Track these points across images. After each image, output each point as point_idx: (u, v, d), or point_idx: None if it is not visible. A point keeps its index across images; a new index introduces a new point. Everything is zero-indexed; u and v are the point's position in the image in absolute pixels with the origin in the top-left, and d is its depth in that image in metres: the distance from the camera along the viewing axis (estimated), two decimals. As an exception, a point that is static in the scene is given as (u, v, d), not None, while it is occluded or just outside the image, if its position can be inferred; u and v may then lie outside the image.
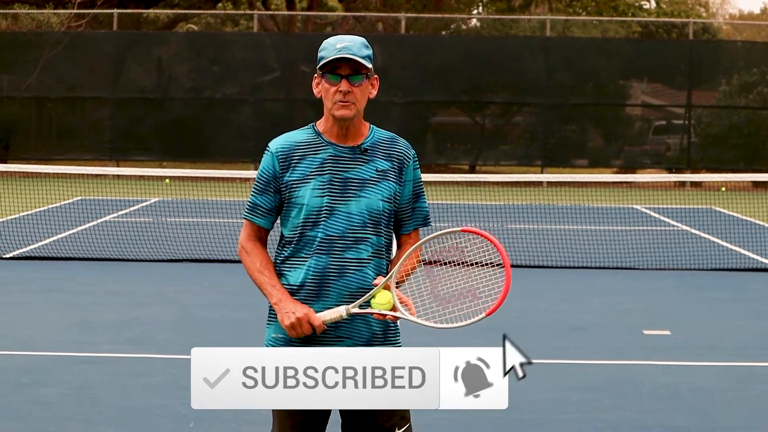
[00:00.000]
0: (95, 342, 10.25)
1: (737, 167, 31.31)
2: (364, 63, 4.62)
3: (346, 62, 4.61)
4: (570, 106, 32.41)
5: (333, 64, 4.61)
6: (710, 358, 10.00)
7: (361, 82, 4.65)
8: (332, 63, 4.61)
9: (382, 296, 4.53)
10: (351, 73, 4.62)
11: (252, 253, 4.72)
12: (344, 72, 4.62)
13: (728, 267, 15.75)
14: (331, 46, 4.63)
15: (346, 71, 4.62)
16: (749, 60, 32.94)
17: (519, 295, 13.34)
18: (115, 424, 7.61)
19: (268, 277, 4.65)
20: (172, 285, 13.84)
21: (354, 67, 4.62)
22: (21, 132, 32.65)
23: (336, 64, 4.62)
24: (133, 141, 32.37)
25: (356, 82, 4.63)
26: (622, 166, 33.15)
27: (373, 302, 4.53)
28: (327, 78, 4.64)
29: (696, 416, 8.05)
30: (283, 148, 4.70)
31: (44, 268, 14.83)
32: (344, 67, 4.62)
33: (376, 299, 4.53)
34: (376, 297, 4.53)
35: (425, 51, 33.01)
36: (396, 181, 4.72)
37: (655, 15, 47.51)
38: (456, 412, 8.02)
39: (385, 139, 4.77)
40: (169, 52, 33.84)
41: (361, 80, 4.64)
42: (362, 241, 4.64)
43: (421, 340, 10.13)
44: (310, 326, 4.51)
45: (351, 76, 4.62)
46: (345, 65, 4.61)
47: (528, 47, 33.70)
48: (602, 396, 8.57)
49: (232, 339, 10.49)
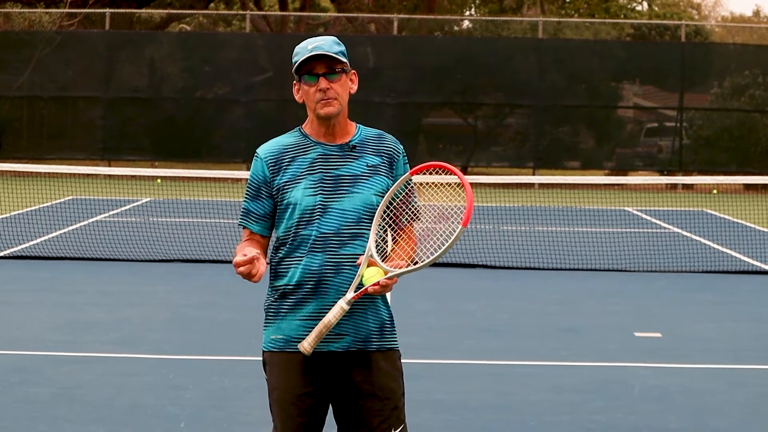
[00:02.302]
0: (86, 341, 10.23)
1: (729, 170, 31.37)
2: (338, 58, 4.64)
3: (320, 60, 4.63)
4: (562, 108, 32.44)
5: (308, 64, 4.63)
6: (701, 361, 10.00)
7: (339, 78, 4.66)
8: (307, 64, 4.63)
9: (369, 272, 4.54)
10: (327, 71, 4.64)
11: (238, 249, 4.68)
12: (320, 70, 4.64)
13: (719, 269, 15.76)
14: (303, 49, 4.65)
15: (321, 69, 4.64)
16: (741, 63, 33.00)
17: (511, 297, 13.36)
18: (106, 423, 7.59)
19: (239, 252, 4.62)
20: (164, 285, 13.82)
21: (329, 64, 4.64)
22: (13, 131, 32.62)
23: (311, 64, 4.63)
24: (125, 141, 32.35)
25: (333, 79, 4.65)
26: (614, 168, 33.19)
27: (363, 280, 4.54)
28: (305, 80, 4.66)
29: (687, 418, 8.05)
30: (271, 153, 4.71)
31: (35, 267, 14.80)
32: (319, 65, 4.63)
33: (365, 276, 4.54)
34: (364, 274, 4.54)
35: (417, 52, 33.02)
36: (387, 175, 4.73)
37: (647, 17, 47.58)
38: (448, 413, 8.03)
39: (372, 135, 4.78)
40: (161, 52, 33.82)
41: (338, 76, 4.66)
42: (358, 237, 4.63)
43: (413, 341, 10.12)
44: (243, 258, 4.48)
45: (327, 73, 4.64)
46: (319, 64, 4.63)
47: (520, 49, 33.72)
48: (593, 398, 8.57)
49: (223, 340, 10.48)
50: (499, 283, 14.48)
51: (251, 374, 8.89)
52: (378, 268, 4.54)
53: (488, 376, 9.33)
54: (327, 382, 4.65)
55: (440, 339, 10.75)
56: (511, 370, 9.53)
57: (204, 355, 9.80)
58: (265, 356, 4.75)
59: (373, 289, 4.52)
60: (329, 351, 4.62)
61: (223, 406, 8.04)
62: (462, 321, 11.73)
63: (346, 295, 4.53)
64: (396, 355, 4.75)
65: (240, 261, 4.49)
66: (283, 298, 4.67)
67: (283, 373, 4.65)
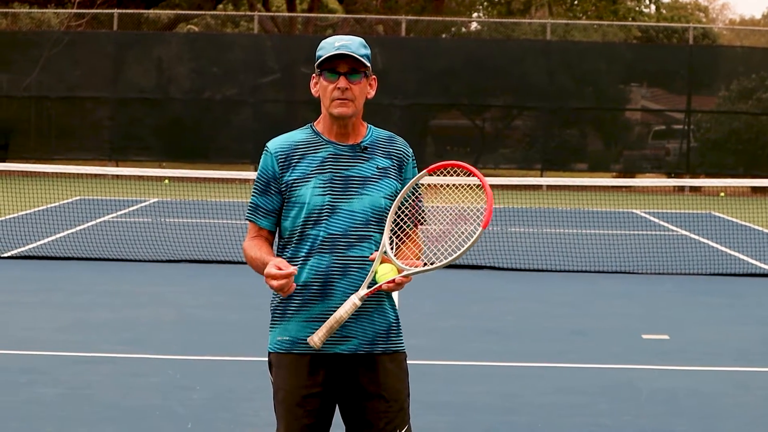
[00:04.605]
0: (93, 342, 10.23)
1: (736, 172, 31.33)
2: (362, 61, 4.61)
3: (345, 60, 4.60)
4: (570, 110, 32.41)
5: (331, 61, 4.61)
6: (709, 363, 9.99)
7: (360, 80, 4.64)
8: (331, 60, 4.61)
9: (383, 268, 4.51)
10: (349, 71, 4.61)
11: (249, 247, 4.69)
12: (342, 69, 4.61)
13: (727, 272, 15.74)
14: (329, 45, 4.62)
15: (344, 69, 4.61)
16: (749, 65, 32.96)
17: (518, 299, 13.35)
18: (113, 424, 7.60)
19: (260, 260, 4.60)
20: (171, 285, 13.83)
21: (352, 65, 4.61)
22: (20, 131, 32.64)
23: (334, 62, 4.61)
24: (132, 141, 32.37)
25: (354, 80, 4.62)
26: (622, 170, 33.16)
27: (377, 277, 4.51)
28: (325, 75, 4.63)
29: (694, 421, 8.05)
30: (282, 148, 4.68)
31: (43, 267, 14.81)
32: (342, 64, 4.61)
33: (378, 273, 4.51)
34: (378, 271, 4.51)
35: (425, 54, 33.00)
36: (396, 178, 4.71)
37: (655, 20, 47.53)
38: (451, 414, 8.03)
39: (383, 137, 4.76)
40: (169, 52, 33.83)
41: (359, 78, 4.63)
42: (365, 239, 4.61)
43: (419, 342, 10.12)
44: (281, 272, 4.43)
45: (349, 73, 4.61)
46: (343, 63, 4.61)
47: (528, 51, 33.70)
48: (601, 400, 8.56)
49: (230, 340, 10.48)
50: (506, 285, 14.47)
51: (258, 375, 8.89)
52: (392, 265, 4.52)
53: (494, 377, 9.33)
54: (333, 384, 4.64)
55: (446, 340, 10.75)
56: (517, 372, 9.52)
57: (211, 356, 9.81)
58: (271, 357, 4.74)
59: (387, 286, 4.50)
60: (335, 353, 4.62)
61: (230, 407, 8.05)
62: (468, 322, 11.72)
63: (359, 291, 4.50)
64: (402, 356, 4.74)
65: (277, 274, 4.44)
66: (289, 298, 4.64)
67: (289, 374, 4.64)
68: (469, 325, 11.56)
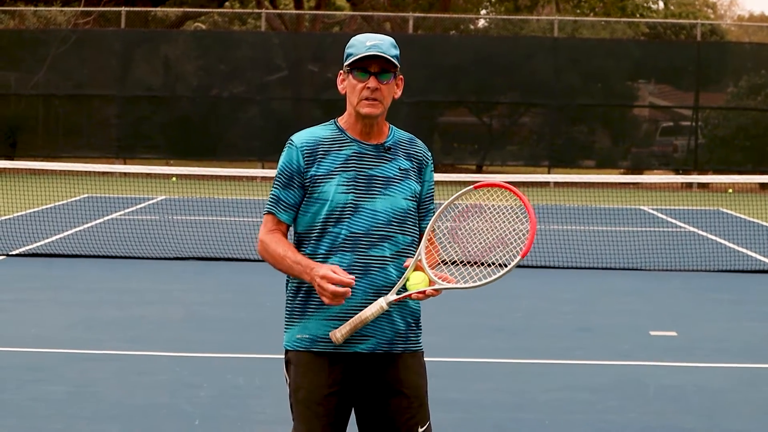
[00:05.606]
0: (100, 339, 10.24)
1: (744, 169, 31.28)
2: (393, 61, 4.61)
3: (376, 60, 4.59)
4: (577, 107, 32.39)
5: (362, 61, 4.59)
6: (717, 360, 9.97)
7: (389, 81, 4.63)
8: (362, 60, 4.59)
9: (415, 277, 4.50)
10: (380, 71, 4.60)
11: (272, 242, 4.62)
12: (373, 69, 4.60)
13: (735, 269, 15.72)
14: (360, 44, 4.61)
15: (375, 69, 4.60)
16: (757, 62, 32.91)
17: (525, 296, 13.33)
18: (120, 421, 7.60)
19: (292, 258, 4.55)
20: (179, 283, 13.84)
21: (383, 65, 4.60)
22: (28, 129, 32.69)
23: (365, 62, 4.59)
24: (140, 139, 32.40)
25: (384, 80, 4.61)
26: (630, 167, 33.13)
27: (408, 285, 4.50)
28: (355, 74, 4.61)
29: (702, 418, 8.03)
30: (308, 143, 4.64)
31: (50, 265, 14.82)
32: (373, 64, 4.59)
33: (410, 281, 4.50)
34: (410, 279, 4.50)
35: (433, 51, 32.99)
36: (416, 180, 4.71)
37: (663, 16, 47.48)
38: (459, 411, 8.02)
39: (404, 139, 4.77)
40: (176, 50, 33.86)
41: (389, 78, 4.62)
42: (386, 239, 4.59)
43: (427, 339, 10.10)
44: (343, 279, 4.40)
45: (380, 73, 4.60)
46: (374, 63, 4.59)
47: (536, 48, 33.69)
48: (608, 397, 8.55)
49: (238, 338, 10.48)
50: (514, 282, 14.44)
51: (265, 372, 8.90)
52: (425, 275, 4.51)
53: (502, 374, 9.32)
54: (352, 382, 4.62)
55: (454, 337, 10.74)
56: (525, 369, 9.51)
57: (218, 353, 9.80)
58: (290, 355, 4.68)
59: (416, 296, 4.50)
60: (355, 352, 4.60)
61: (237, 405, 8.05)
62: (476, 320, 11.71)
63: (388, 296, 4.49)
64: (421, 354, 4.77)
65: (338, 279, 4.40)
66: (309, 296, 4.61)
67: (309, 372, 4.61)
68: (476, 323, 11.54)
